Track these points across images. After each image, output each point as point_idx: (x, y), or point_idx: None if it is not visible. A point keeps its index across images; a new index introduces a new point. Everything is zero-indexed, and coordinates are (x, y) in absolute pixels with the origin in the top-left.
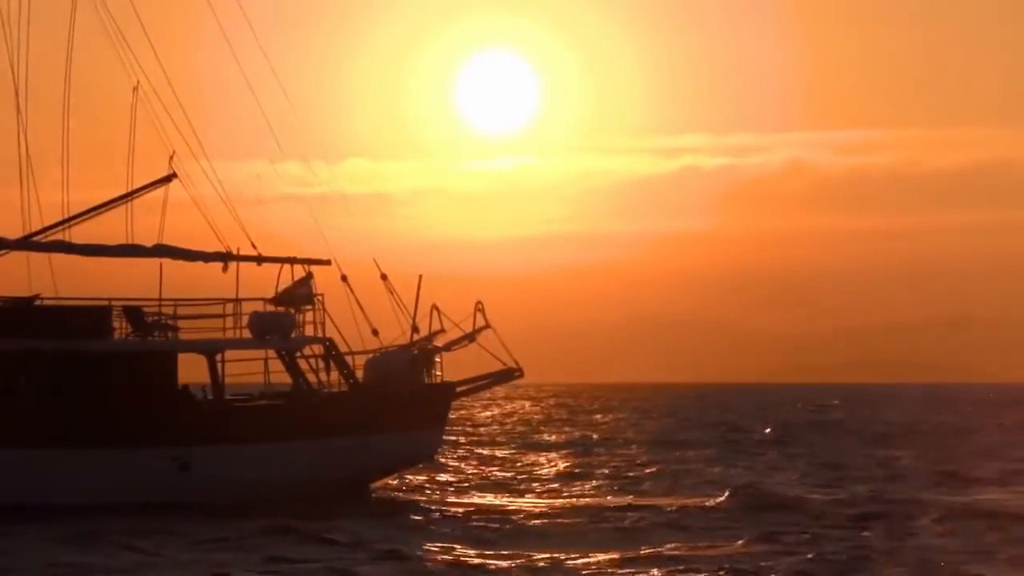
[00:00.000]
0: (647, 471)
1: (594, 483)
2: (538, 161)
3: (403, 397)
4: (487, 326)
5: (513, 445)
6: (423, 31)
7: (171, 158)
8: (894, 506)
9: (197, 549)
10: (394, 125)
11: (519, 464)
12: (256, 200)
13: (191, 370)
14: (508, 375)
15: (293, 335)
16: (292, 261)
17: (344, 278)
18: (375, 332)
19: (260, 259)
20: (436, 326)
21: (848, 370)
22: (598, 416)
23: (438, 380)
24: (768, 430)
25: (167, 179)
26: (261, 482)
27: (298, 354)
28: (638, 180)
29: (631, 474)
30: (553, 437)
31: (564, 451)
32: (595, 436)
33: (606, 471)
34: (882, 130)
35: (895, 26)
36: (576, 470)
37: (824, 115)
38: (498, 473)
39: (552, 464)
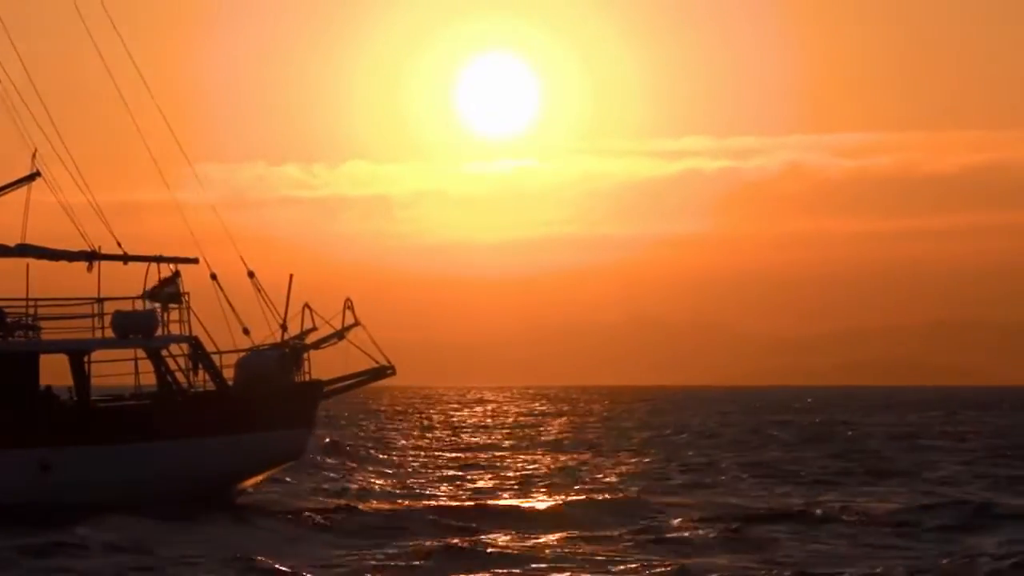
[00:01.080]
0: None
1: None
2: (538, 164)
3: (270, 396)
4: (356, 323)
5: (434, 449)
6: (423, 34)
7: (33, 156)
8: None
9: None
10: (394, 128)
11: (405, 466)
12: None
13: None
14: (380, 373)
15: (158, 334)
16: (159, 260)
17: (213, 276)
18: (246, 331)
19: (126, 258)
20: (308, 324)
21: (847, 372)
22: (562, 419)
23: (307, 379)
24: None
25: (30, 177)
26: (125, 483)
27: (165, 353)
28: (638, 183)
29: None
30: (483, 438)
31: (475, 452)
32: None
33: (489, 473)
34: (881, 133)
35: (894, 30)
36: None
37: (824, 118)
38: (369, 477)
39: (443, 465)
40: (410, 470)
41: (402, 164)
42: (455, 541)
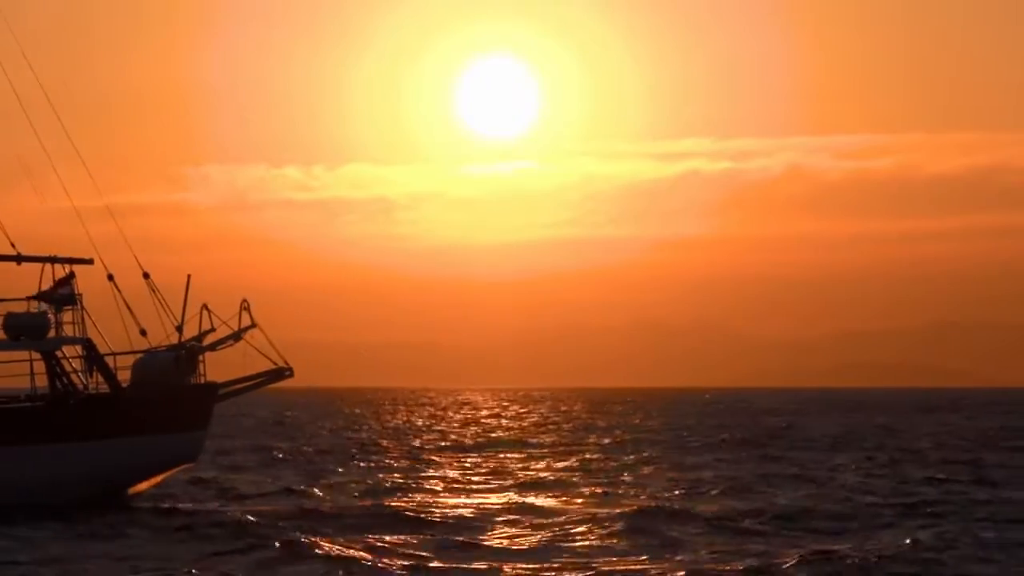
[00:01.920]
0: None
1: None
2: (539, 166)
3: (164, 398)
4: (253, 325)
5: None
6: (424, 37)
7: None
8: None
9: None
10: (395, 130)
11: (329, 467)
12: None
13: None
14: (278, 375)
15: (51, 335)
16: (53, 260)
17: (110, 277)
18: (143, 332)
19: (19, 258)
20: (206, 326)
21: (849, 374)
22: (527, 422)
23: (201, 381)
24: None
25: None
26: (17, 486)
27: (60, 355)
28: (640, 184)
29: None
30: (431, 441)
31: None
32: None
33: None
34: (883, 135)
35: (896, 32)
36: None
37: (825, 120)
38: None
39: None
40: (334, 470)
41: (402, 166)
42: (304, 540)
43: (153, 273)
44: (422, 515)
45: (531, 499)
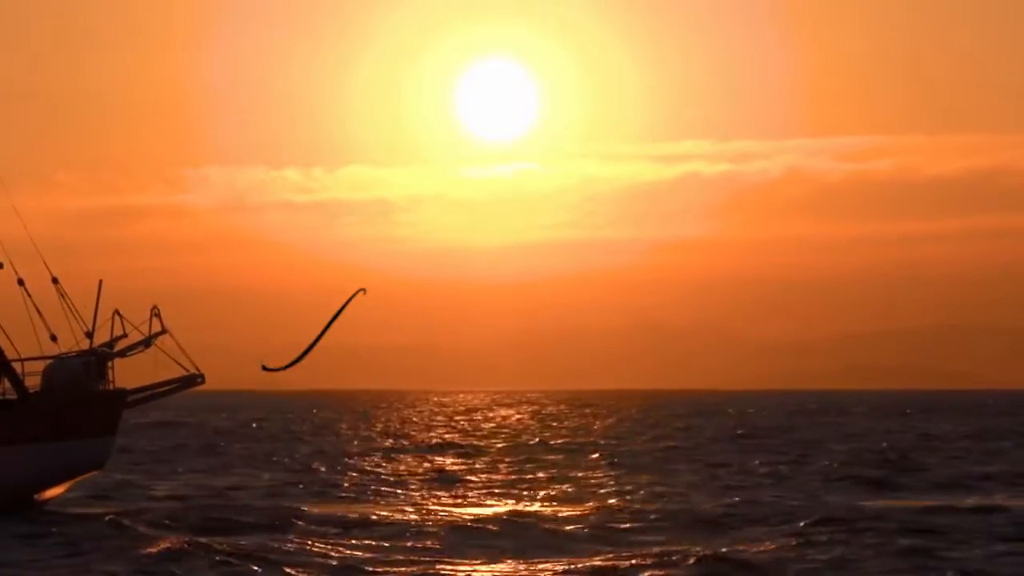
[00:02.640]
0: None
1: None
2: (539, 168)
3: (72, 404)
4: (163, 331)
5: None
6: (423, 39)
7: None
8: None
9: None
10: (394, 132)
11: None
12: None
13: None
14: (189, 382)
15: None
16: None
17: (21, 282)
18: (53, 338)
19: None
20: (118, 331)
21: (849, 376)
22: (495, 423)
23: (111, 387)
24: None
25: None
26: None
27: None
28: (639, 186)
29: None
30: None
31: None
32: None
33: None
34: (882, 136)
35: (896, 33)
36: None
37: (824, 121)
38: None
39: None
40: (280, 472)
41: (402, 168)
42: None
43: (151, 273)
44: (333, 519)
45: (451, 503)
